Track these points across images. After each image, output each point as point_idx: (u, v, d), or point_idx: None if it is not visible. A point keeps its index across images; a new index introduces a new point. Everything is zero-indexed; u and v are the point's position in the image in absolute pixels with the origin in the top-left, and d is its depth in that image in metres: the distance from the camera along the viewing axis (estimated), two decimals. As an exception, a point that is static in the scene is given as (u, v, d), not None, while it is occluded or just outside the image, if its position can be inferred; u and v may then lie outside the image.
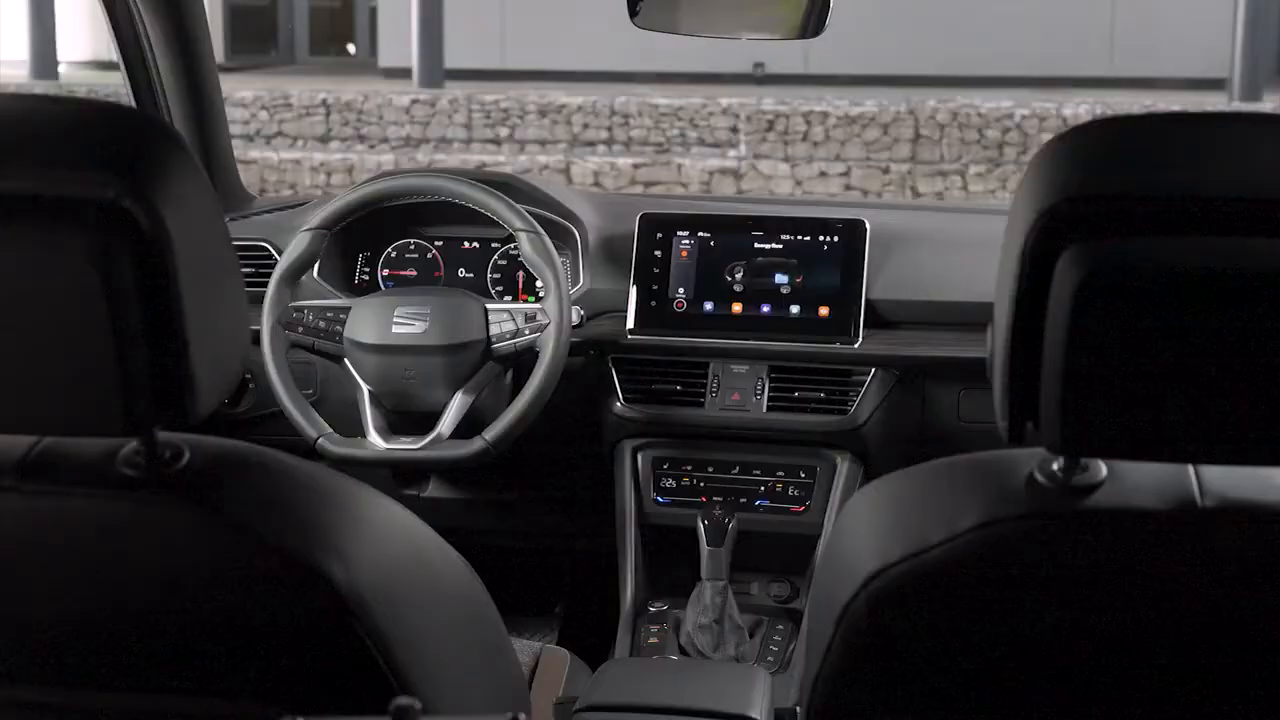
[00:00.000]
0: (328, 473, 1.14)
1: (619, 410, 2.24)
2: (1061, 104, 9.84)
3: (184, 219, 1.00)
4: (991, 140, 9.78)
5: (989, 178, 9.62)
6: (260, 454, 1.13)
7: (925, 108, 9.74)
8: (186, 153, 1.05)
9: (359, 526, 1.10)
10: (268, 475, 1.11)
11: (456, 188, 2.17)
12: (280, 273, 2.17)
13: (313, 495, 1.11)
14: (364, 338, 2.13)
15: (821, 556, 1.21)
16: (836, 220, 2.24)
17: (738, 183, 9.65)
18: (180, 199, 1.00)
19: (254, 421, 2.36)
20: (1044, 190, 0.97)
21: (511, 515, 2.50)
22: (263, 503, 1.07)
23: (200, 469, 1.06)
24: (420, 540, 1.18)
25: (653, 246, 2.26)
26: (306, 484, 1.12)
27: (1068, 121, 9.53)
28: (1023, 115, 9.72)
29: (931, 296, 2.22)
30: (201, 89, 2.45)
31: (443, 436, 2.08)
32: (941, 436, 2.21)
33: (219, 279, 1.06)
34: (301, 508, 1.08)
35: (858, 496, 1.19)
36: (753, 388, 2.21)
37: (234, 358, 1.11)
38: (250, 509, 1.05)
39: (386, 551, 1.10)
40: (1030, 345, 0.98)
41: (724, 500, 2.22)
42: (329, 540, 1.05)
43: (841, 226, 2.23)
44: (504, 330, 2.11)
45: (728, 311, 2.23)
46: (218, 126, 2.53)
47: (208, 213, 1.05)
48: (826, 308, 2.20)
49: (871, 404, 2.18)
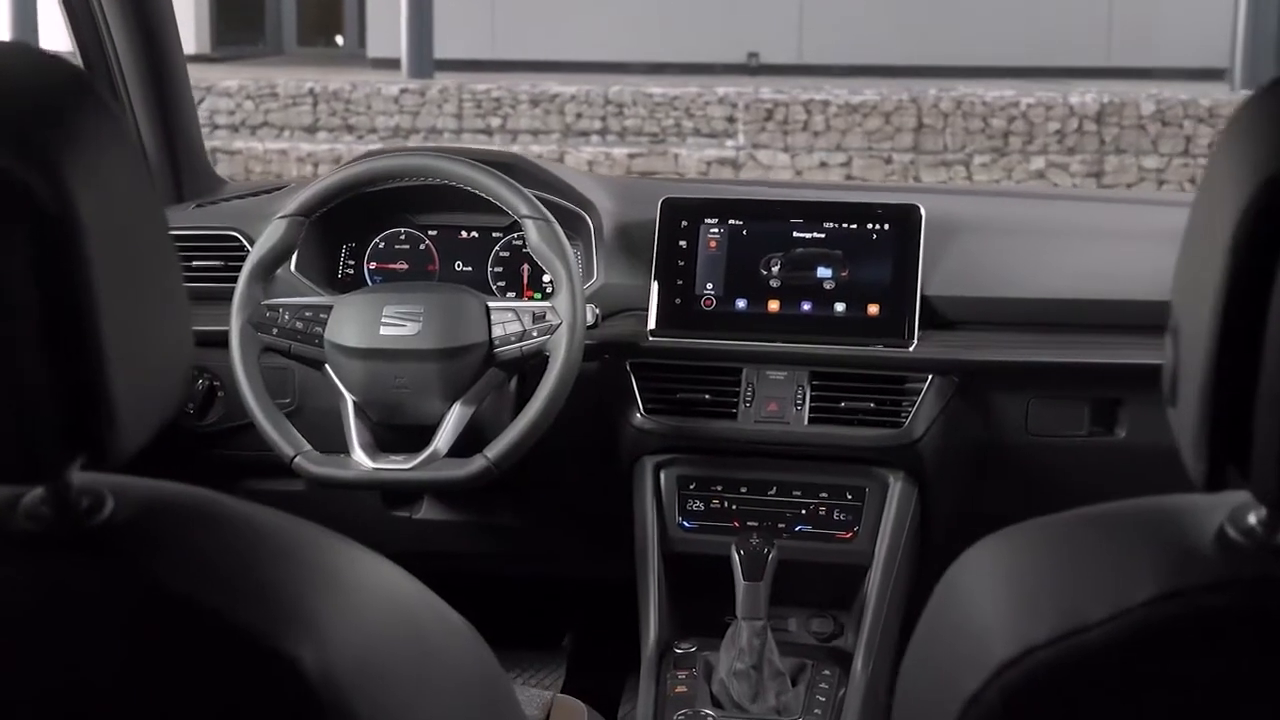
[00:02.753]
0: (295, 525, 0.91)
1: (639, 422, 2.03)
2: (1067, 92, 9.84)
3: (101, 197, 0.78)
4: (996, 129, 9.72)
5: (993, 168, 9.58)
6: (208, 501, 0.90)
7: (928, 96, 9.75)
8: (110, 111, 0.83)
9: (334, 593, 0.88)
10: (217, 529, 0.88)
11: (453, 168, 1.96)
12: (251, 266, 1.97)
13: (275, 555, 0.88)
14: (348, 340, 1.93)
15: (926, 626, 0.94)
16: (887, 205, 2.03)
17: (736, 173, 9.60)
18: (97, 170, 0.79)
19: (223, 435, 2.17)
20: (1260, 160, 0.73)
21: (514, 540, 2.29)
22: (210, 566, 0.84)
23: (127, 522, 0.84)
24: (410, 603, 0.95)
25: (677, 236, 2.06)
26: (267, 540, 0.89)
27: (1074, 110, 9.54)
28: (1028, 104, 9.67)
29: (996, 292, 2.03)
30: (164, 67, 2.32)
31: (438, 454, 1.89)
32: (1007, 453, 2.02)
33: (150, 275, 0.84)
34: (261, 571, 0.86)
35: (978, 552, 0.94)
36: (792, 397, 2.00)
37: (171, 377, 0.88)
38: (193, 574, 0.83)
39: (368, 623, 0.88)
40: (1239, 363, 0.75)
41: (760, 526, 2.00)
42: (296, 613, 0.83)
43: (893, 212, 2.02)
44: (508, 332, 1.91)
45: (763, 310, 2.03)
46: (183, 107, 2.38)
47: (135, 190, 0.83)
48: (876, 305, 2.00)
49: (929, 415, 1.97)
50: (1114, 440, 2.00)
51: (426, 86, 10.49)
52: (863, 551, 1.99)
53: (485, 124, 10.32)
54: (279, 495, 2.13)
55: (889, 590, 1.96)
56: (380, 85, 10.46)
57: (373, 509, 2.20)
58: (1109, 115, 9.54)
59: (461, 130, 10.33)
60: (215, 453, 2.18)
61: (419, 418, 1.93)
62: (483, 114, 10.33)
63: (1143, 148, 9.54)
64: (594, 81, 10.46)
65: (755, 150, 9.78)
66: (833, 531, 2.00)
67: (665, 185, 2.23)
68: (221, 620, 0.81)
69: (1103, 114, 9.54)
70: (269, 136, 10.37)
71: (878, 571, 1.96)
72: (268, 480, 2.14)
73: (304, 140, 10.30)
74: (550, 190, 2.10)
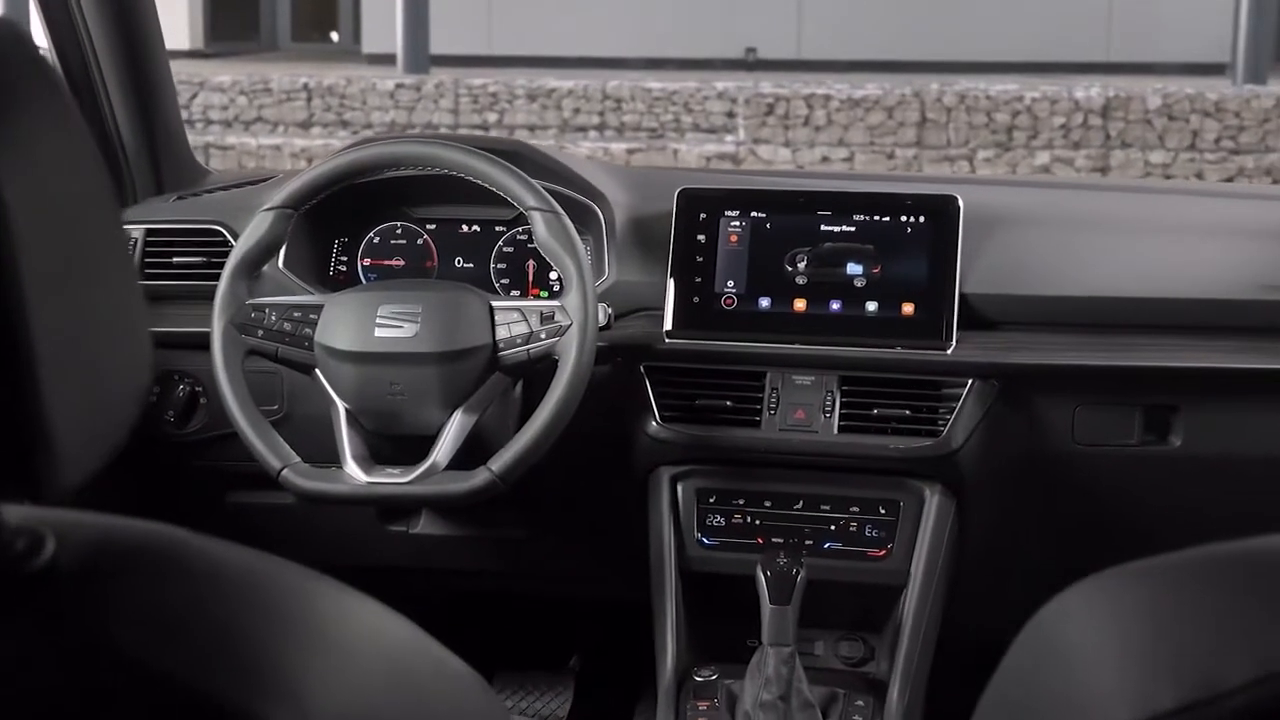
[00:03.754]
0: (271, 569, 0.78)
1: (654, 431, 1.91)
2: (1071, 87, 9.80)
3: (33, 177, 0.66)
4: (1000, 124, 9.67)
5: (997, 163, 9.54)
6: (168, 541, 0.76)
7: (931, 91, 9.72)
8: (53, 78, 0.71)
9: (316, 650, 0.74)
10: (178, 575, 0.74)
11: (454, 156, 1.83)
12: (235, 262, 1.86)
13: (247, 605, 0.74)
14: (339, 343, 1.82)
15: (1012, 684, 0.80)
16: (922, 196, 1.91)
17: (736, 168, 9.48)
18: (31, 142, 0.67)
19: (205, 444, 2.05)
20: None
21: (519, 556, 2.16)
22: (169, 619, 0.71)
23: (71, 567, 0.71)
24: (404, 655, 0.81)
25: (695, 229, 1.94)
26: (238, 587, 0.75)
27: (1079, 104, 9.52)
28: (1033, 98, 9.61)
29: (1040, 290, 1.92)
30: (141, 50, 2.21)
31: (438, 466, 1.78)
32: (1052, 463, 1.90)
33: (98, 276, 0.72)
34: (229, 625, 0.72)
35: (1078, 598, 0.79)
36: (820, 403, 1.88)
37: (124, 397, 0.76)
38: (149, 629, 0.69)
39: (357, 683, 0.74)
40: None
41: (785, 543, 1.88)
42: (272, 675, 0.69)
43: (929, 203, 1.90)
44: (514, 334, 1.79)
45: (788, 309, 1.91)
46: (162, 92, 2.27)
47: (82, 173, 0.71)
48: (911, 304, 1.88)
49: (969, 423, 1.84)
50: (1168, 450, 1.87)
51: (422, 81, 10.47)
52: (897, 571, 1.87)
53: (482, 119, 10.27)
54: (267, 508, 2.04)
55: (926, 613, 1.83)
56: (375, 80, 10.39)
57: (366, 522, 2.09)
58: (1114, 109, 9.49)
59: (458, 125, 10.29)
60: (197, 464, 2.07)
61: (417, 427, 1.81)
62: (479, 109, 10.28)
63: (1149, 142, 9.50)
64: (591, 76, 10.42)
65: (756, 145, 9.73)
66: (864, 549, 1.89)
67: (682, 175, 2.11)
68: (182, 685, 0.68)
69: (1108, 108, 9.50)
70: (263, 132, 10.33)
71: (914, 593, 1.85)
72: (255, 493, 2.02)
73: (298, 136, 10.25)
74: (558, 180, 1.99)
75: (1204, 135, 9.44)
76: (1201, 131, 9.46)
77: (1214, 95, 9.49)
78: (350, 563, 2.14)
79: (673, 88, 10.02)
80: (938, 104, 9.66)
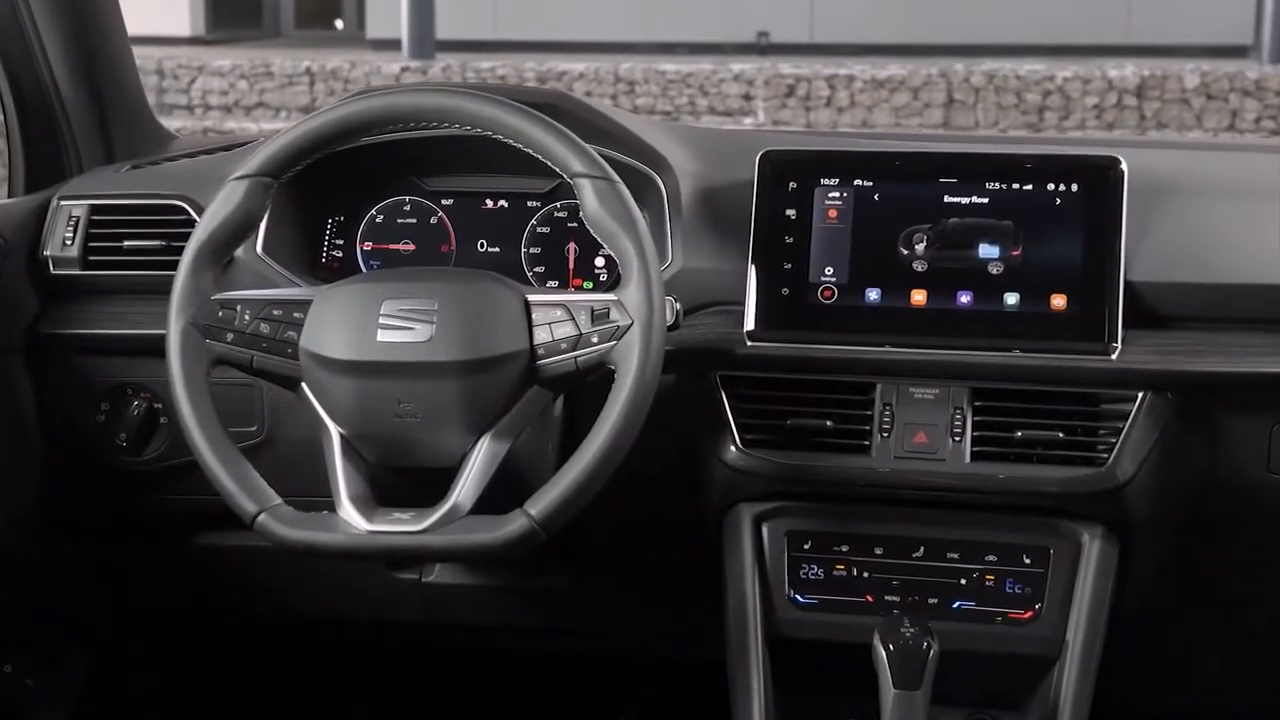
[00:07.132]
0: None
1: (733, 458, 1.64)
2: (1104, 65, 9.90)
3: None
4: (1031, 104, 9.73)
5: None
6: None
7: (958, 71, 9.83)
8: None
9: None
10: None
11: (480, 109, 1.52)
12: (198, 246, 1.57)
13: None
14: (333, 350, 1.55)
15: None
16: (1075, 158, 1.61)
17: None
18: None
19: (167, 474, 1.81)
20: None
21: (559, 611, 1.91)
22: None
23: None
24: None
25: (784, 203, 1.67)
26: None
27: (1113, 84, 9.62)
28: (1064, 78, 9.69)
29: (1226, 277, 1.65)
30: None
31: (460, 510, 1.49)
32: (1239, 497, 1.62)
33: None
34: None
35: None
36: (947, 424, 1.62)
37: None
38: None
39: None
40: None
41: (904, 601, 1.60)
42: None
43: (1083, 167, 1.62)
44: (557, 337, 1.51)
45: (904, 303, 1.65)
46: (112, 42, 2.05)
47: None
48: (1062, 296, 1.61)
49: (1139, 448, 1.57)
50: None
51: (428, 66, 10.63)
52: (1047, 638, 1.62)
53: (490, 103, 10.53)
54: (245, 551, 1.77)
55: (1088, 692, 1.56)
56: (380, 64, 10.63)
57: (369, 568, 1.83)
58: (1150, 89, 9.56)
59: (464, 110, 10.57)
60: (159, 498, 1.80)
61: (432, 458, 1.55)
62: (488, 93, 10.55)
63: (1185, 122, 9.57)
64: (604, 59, 10.56)
65: (776, 127, 9.86)
66: (1004, 609, 1.64)
67: (763, 136, 1.80)
68: None
69: (1143, 87, 9.56)
70: (264, 117, 10.44)
71: (1073, 665, 1.58)
72: (230, 533, 1.72)
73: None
74: (608, 142, 1.70)
75: (1244, 115, 9.49)
76: (1241, 111, 9.51)
77: (1254, 74, 9.57)
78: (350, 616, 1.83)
79: (687, 70, 10.20)
80: (965, 84, 9.78)
